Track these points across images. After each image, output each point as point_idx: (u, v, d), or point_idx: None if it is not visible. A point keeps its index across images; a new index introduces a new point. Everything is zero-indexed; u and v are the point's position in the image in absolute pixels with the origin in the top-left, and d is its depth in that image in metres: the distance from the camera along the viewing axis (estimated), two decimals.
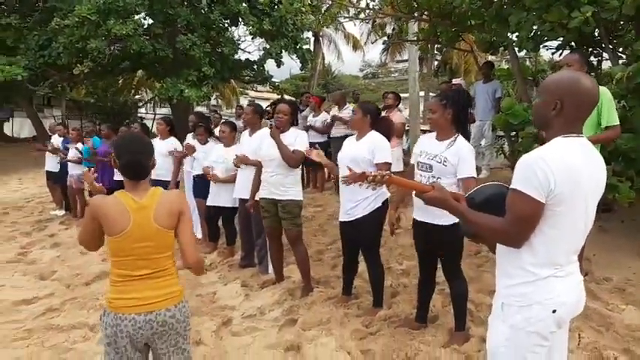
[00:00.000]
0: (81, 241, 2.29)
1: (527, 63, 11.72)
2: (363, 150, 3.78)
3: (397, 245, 5.39)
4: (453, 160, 3.16)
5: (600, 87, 3.80)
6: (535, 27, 5.55)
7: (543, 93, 1.87)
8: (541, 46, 5.99)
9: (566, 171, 1.72)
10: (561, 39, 5.68)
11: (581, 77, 1.82)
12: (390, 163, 3.74)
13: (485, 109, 7.56)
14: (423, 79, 20.51)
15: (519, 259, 1.83)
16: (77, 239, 2.34)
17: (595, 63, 6.17)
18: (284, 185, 4.27)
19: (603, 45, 5.66)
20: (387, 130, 3.96)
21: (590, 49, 6.05)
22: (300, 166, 4.46)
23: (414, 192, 3.09)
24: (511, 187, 1.79)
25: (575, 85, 1.78)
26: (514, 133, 6.76)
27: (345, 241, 4.07)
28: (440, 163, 3.19)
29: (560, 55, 6.06)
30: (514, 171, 1.80)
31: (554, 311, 1.80)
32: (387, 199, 3.88)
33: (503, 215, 1.80)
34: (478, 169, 8.13)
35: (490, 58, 11.04)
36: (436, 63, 23.65)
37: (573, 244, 1.86)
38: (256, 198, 4.57)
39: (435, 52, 17.50)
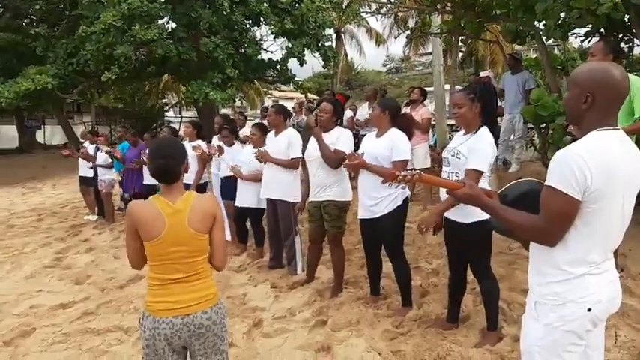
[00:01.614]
0: (129, 258, 2.31)
1: (556, 51, 11.43)
2: (382, 147, 3.74)
3: (426, 244, 5.34)
4: (465, 152, 3.08)
5: (631, 76, 3.68)
6: (562, 14, 5.41)
7: (573, 86, 1.81)
8: (569, 34, 5.83)
9: (603, 166, 1.67)
10: (590, 26, 5.52)
11: (610, 68, 1.76)
12: (408, 160, 3.67)
13: (514, 102, 7.35)
14: (448, 71, 20.24)
15: (553, 257, 1.79)
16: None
17: (626, 49, 5.97)
18: (327, 185, 4.23)
19: (634, 31, 5.47)
20: (408, 126, 3.90)
21: (621, 36, 5.87)
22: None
23: (442, 190, 3.08)
24: (546, 183, 1.74)
25: (605, 77, 1.73)
26: (544, 125, 6.61)
27: (366, 239, 4.03)
28: (454, 156, 3.13)
29: (589, 42, 5.89)
30: (549, 167, 1.76)
31: (589, 310, 1.76)
32: (407, 196, 3.85)
33: (537, 213, 1.76)
34: (508, 163, 8.01)
35: (517, 47, 10.78)
36: (461, 55, 23.30)
37: (609, 241, 1.81)
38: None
39: (460, 43, 17.25)
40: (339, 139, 4.18)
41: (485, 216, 2.26)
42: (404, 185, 2.04)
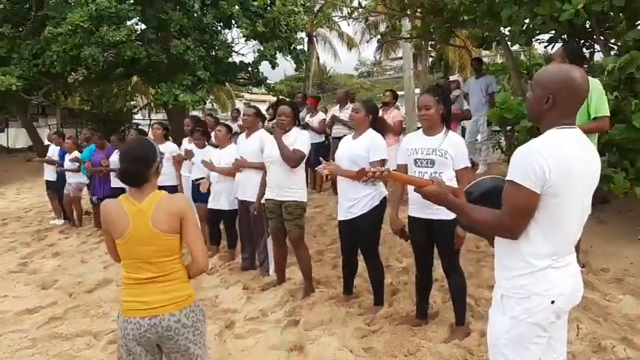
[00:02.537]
0: (110, 254, 2.38)
1: (522, 57, 11.73)
2: (360, 148, 3.81)
3: (396, 243, 5.41)
4: (452, 152, 3.24)
5: (591, 79, 3.83)
6: (527, 21, 5.59)
7: (536, 87, 1.89)
8: (534, 39, 6.02)
9: (560, 162, 1.74)
10: (553, 32, 5.72)
11: (572, 70, 1.84)
12: (386, 160, 3.74)
13: (478, 105, 7.59)
14: (418, 76, 20.49)
15: (517, 250, 1.85)
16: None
17: (587, 55, 6.20)
18: (287, 186, 4.28)
19: (595, 37, 5.69)
20: (382, 128, 4.02)
21: (583, 41, 6.09)
22: (304, 167, 4.45)
23: (410, 188, 3.15)
24: (507, 178, 1.82)
25: (566, 79, 1.80)
26: (509, 127, 6.79)
27: (344, 240, 4.09)
28: (442, 156, 3.24)
29: (553, 48, 6.10)
30: (510, 163, 1.83)
31: (552, 302, 1.82)
32: (385, 197, 3.91)
33: (501, 208, 1.83)
34: (475, 165, 8.19)
35: (485, 52, 11.06)
36: (431, 60, 23.62)
37: (570, 235, 1.88)
38: (262, 200, 4.60)
39: (430, 48, 17.55)
40: (297, 139, 4.29)
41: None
42: (373, 181, 2.08)
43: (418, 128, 10.62)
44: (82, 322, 4.20)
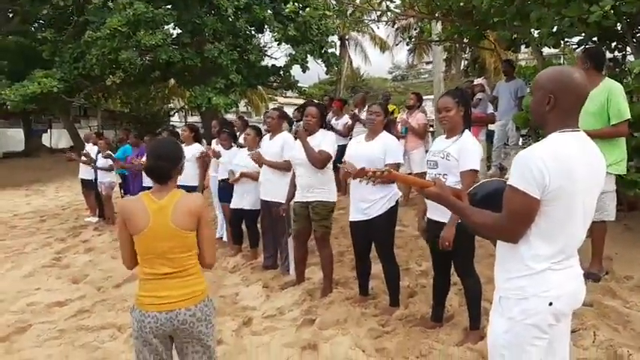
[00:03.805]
0: (122, 255, 2.40)
1: (562, 60, 11.49)
2: (377, 150, 3.86)
3: (417, 247, 5.40)
4: (455, 154, 3.20)
5: (611, 82, 3.76)
6: (556, 23, 5.47)
7: (536, 89, 1.89)
8: (562, 41, 5.90)
9: (561, 166, 1.73)
10: (583, 34, 5.59)
11: (570, 71, 1.84)
12: (401, 163, 3.78)
13: (507, 109, 7.44)
14: (452, 79, 20.29)
15: (517, 253, 1.85)
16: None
17: (620, 58, 6.03)
18: (314, 186, 4.33)
19: (627, 39, 5.53)
20: (389, 131, 4.10)
21: (615, 44, 5.93)
22: (332, 168, 4.47)
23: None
24: (507, 183, 1.82)
25: (564, 79, 1.80)
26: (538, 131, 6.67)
27: (357, 241, 4.11)
28: (443, 158, 3.23)
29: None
30: (511, 167, 1.83)
31: (550, 304, 1.81)
32: (398, 198, 3.95)
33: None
34: (504, 169, 8.06)
35: (523, 55, 10.86)
36: (465, 62, 23.26)
37: (571, 238, 1.86)
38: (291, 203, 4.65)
39: (460, 51, 17.35)
40: (324, 140, 4.32)
41: None
42: (373, 181, 2.10)
43: None
44: (108, 315, 4.37)
